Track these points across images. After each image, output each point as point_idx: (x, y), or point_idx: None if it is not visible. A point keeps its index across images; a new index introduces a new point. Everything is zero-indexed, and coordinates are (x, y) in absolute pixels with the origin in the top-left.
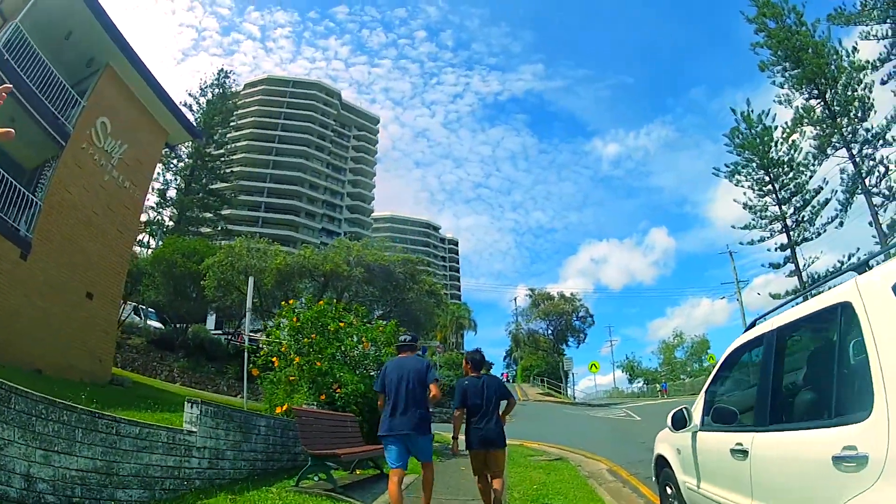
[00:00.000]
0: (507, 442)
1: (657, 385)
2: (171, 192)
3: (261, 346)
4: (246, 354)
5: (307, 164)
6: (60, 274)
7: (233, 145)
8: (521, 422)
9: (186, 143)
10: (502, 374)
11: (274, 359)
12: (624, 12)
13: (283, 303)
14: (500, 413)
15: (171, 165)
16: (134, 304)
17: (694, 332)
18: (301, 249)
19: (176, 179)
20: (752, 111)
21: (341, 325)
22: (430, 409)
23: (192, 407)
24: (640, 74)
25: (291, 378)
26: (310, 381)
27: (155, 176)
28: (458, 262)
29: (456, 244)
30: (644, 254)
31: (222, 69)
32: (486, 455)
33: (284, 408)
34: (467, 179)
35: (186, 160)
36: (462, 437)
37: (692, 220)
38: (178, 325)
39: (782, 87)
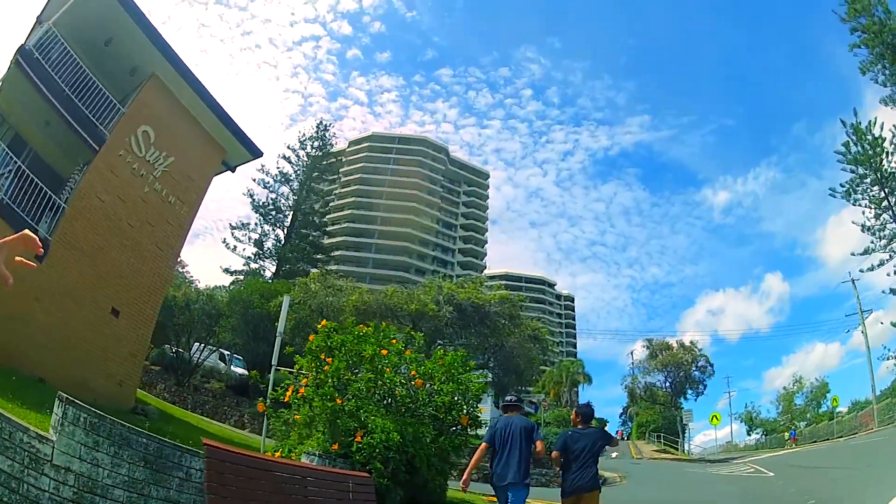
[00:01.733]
0: None
1: (785, 434)
2: (269, 244)
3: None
4: (271, 386)
5: (416, 220)
6: (82, 284)
7: (339, 202)
8: (633, 486)
9: (286, 196)
10: (617, 432)
11: (288, 392)
12: (717, 48)
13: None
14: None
15: (270, 216)
16: (220, 349)
17: (812, 377)
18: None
19: (273, 230)
20: (860, 122)
21: (383, 352)
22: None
23: (59, 407)
24: (741, 115)
25: (297, 417)
26: (328, 422)
27: (253, 226)
28: (574, 320)
29: (572, 300)
30: (760, 301)
31: (321, 122)
32: (577, 500)
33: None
34: (582, 237)
35: (286, 211)
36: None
37: (804, 262)
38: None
39: (885, 86)
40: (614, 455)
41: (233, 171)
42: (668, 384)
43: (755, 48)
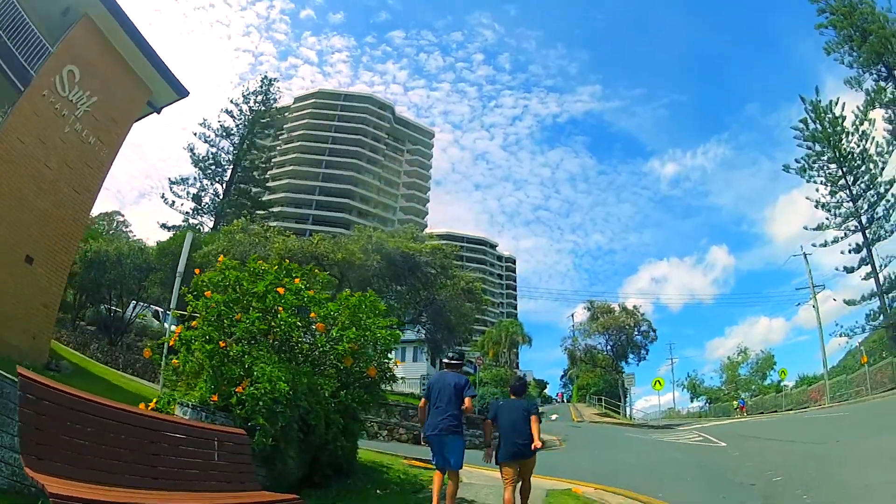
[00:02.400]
0: (553, 480)
1: (733, 403)
2: (207, 199)
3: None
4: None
5: (358, 176)
6: (3, 233)
7: (281, 158)
8: (573, 451)
9: (226, 150)
10: (557, 395)
11: (174, 336)
12: (676, 29)
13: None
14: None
15: (209, 171)
16: (154, 306)
17: (758, 349)
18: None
19: (212, 185)
20: (820, 101)
21: (279, 290)
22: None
23: None
24: (695, 91)
25: (175, 362)
26: (211, 369)
27: (192, 181)
28: (515, 281)
29: (513, 262)
30: (704, 272)
31: (265, 76)
32: (517, 465)
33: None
34: (527, 202)
35: (225, 165)
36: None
37: (751, 238)
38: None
39: (851, 67)
40: (554, 417)
41: (158, 113)
42: (609, 347)
43: (713, 28)
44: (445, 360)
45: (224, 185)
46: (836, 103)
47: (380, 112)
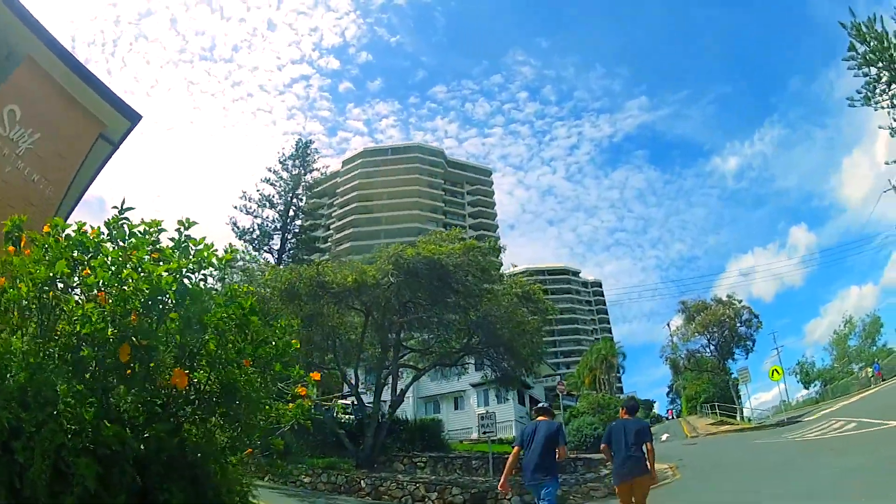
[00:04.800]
0: None
1: (867, 370)
2: (258, 272)
3: None
4: None
5: (421, 226)
6: None
7: (339, 223)
8: (694, 482)
9: (271, 219)
10: (667, 412)
11: None
12: (705, 21)
13: None
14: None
15: (255, 242)
16: None
17: (862, 315)
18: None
19: (260, 255)
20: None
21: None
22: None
23: None
24: (737, 80)
25: None
26: None
27: (237, 258)
28: (604, 305)
29: (599, 286)
30: (789, 255)
31: (300, 139)
32: (630, 484)
33: None
34: (601, 227)
35: (272, 234)
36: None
37: (826, 210)
38: None
39: None
40: (664, 437)
41: (115, 146)
42: (713, 347)
43: (739, 11)
44: (536, 408)
45: (274, 254)
46: (876, 19)
47: (431, 159)
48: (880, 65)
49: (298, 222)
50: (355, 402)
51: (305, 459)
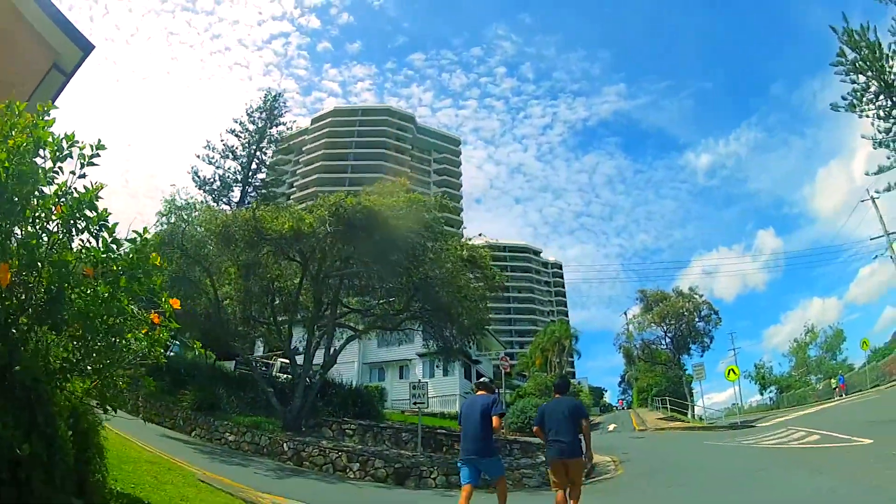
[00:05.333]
0: None
1: (831, 381)
2: None
3: None
4: None
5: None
6: None
7: (304, 180)
8: (637, 482)
9: (233, 171)
10: (618, 402)
11: None
12: (691, 15)
13: None
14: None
15: (214, 192)
16: None
17: (825, 326)
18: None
19: (219, 206)
20: (853, 29)
21: None
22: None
23: None
24: (719, 77)
25: None
26: None
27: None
28: (563, 287)
29: (560, 268)
30: (753, 258)
31: (269, 91)
32: (564, 465)
33: None
34: (568, 209)
35: (232, 185)
36: None
37: (795, 218)
38: None
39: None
40: (611, 428)
41: (68, 77)
42: (668, 340)
43: (728, 12)
44: (476, 383)
45: (234, 206)
46: (869, 28)
47: (400, 123)
48: (869, 74)
49: (261, 175)
50: (287, 361)
51: (232, 416)
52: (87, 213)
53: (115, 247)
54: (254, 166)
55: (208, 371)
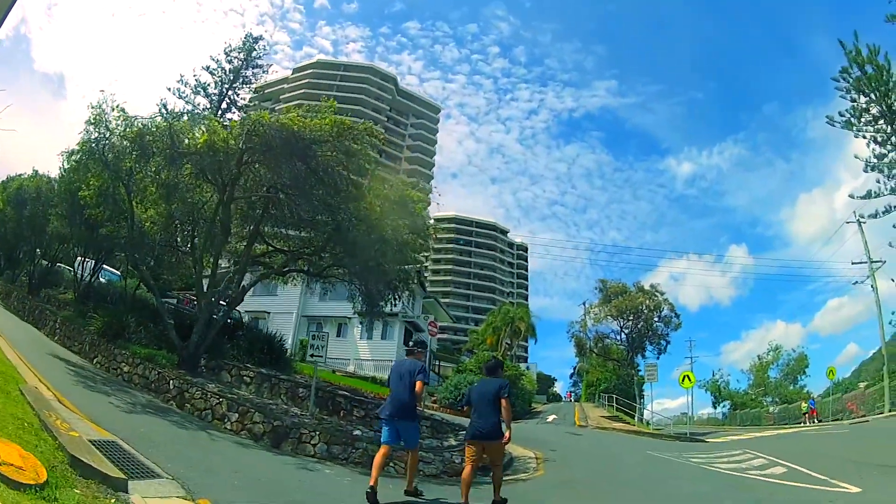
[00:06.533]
0: None
1: (802, 405)
2: None
3: None
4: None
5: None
6: None
7: None
8: (556, 486)
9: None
10: (566, 394)
11: None
12: (693, 25)
13: None
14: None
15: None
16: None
17: (789, 348)
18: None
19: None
20: (860, 48)
21: None
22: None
23: None
24: (712, 89)
25: None
26: None
27: None
28: (526, 271)
29: (525, 250)
30: (722, 271)
31: (249, 33)
32: (479, 446)
33: None
34: (542, 196)
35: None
36: None
37: (769, 240)
38: None
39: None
40: (550, 419)
41: None
42: (623, 336)
43: (730, 25)
44: (406, 348)
45: None
46: (878, 51)
47: (381, 83)
48: (872, 96)
49: (230, 115)
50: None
51: (130, 347)
52: None
53: None
54: (224, 105)
55: (130, 300)
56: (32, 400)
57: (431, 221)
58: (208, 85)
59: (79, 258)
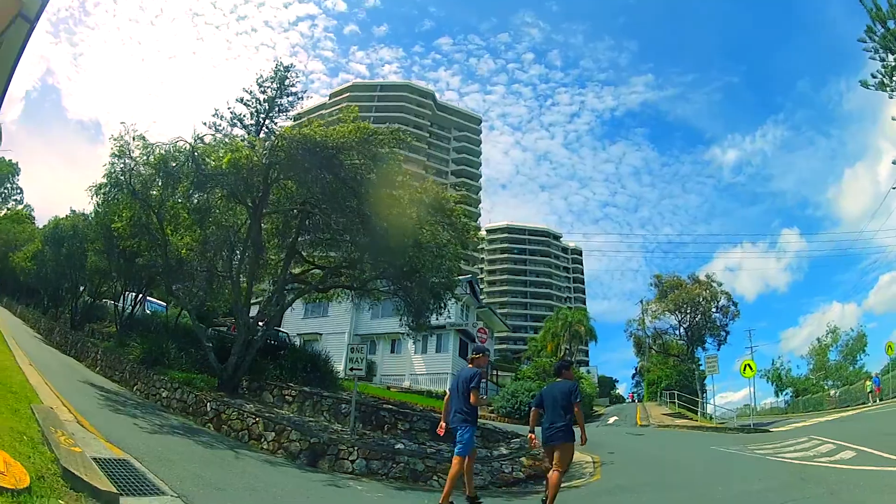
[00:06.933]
0: None
1: (866, 383)
2: None
3: None
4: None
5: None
6: None
7: None
8: (605, 495)
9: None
10: (629, 395)
11: None
12: (713, 9)
13: None
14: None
15: None
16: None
17: (847, 328)
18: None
19: None
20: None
21: None
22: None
23: None
24: (745, 72)
25: None
26: None
27: None
28: (582, 274)
29: (580, 254)
30: (778, 257)
31: (279, 62)
32: (552, 449)
33: None
34: (593, 199)
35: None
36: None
37: (819, 220)
38: None
39: None
40: (612, 420)
41: (33, 24)
42: (682, 330)
43: (753, 5)
44: (469, 358)
45: None
46: None
47: (420, 100)
48: None
49: (268, 144)
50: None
51: (169, 372)
52: None
53: None
54: (262, 135)
55: (172, 328)
56: (41, 418)
57: (483, 233)
58: (244, 116)
59: (127, 292)
